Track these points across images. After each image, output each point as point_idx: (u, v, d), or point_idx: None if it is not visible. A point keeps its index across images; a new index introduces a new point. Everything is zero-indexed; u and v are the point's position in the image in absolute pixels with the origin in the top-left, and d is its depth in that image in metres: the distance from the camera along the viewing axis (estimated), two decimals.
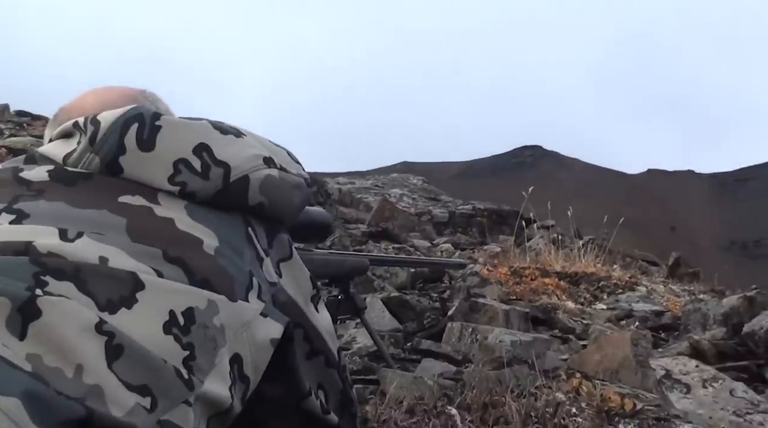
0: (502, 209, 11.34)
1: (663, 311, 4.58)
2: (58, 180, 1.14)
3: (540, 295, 4.64)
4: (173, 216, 1.12)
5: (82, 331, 0.89)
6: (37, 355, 0.84)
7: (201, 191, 1.17)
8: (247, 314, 1.11)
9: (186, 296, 1.03)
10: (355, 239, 6.02)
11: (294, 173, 1.31)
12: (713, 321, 3.76)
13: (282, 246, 1.29)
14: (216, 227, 1.15)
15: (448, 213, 10.94)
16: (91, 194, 1.12)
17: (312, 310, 1.30)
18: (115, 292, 0.96)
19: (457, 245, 7.52)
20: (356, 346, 3.04)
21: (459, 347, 3.15)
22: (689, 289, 5.81)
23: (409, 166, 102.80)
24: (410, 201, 12.17)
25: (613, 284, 5.28)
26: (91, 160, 1.17)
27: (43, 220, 1.05)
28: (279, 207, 1.27)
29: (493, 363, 2.51)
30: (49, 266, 0.95)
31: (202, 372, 1.00)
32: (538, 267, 5.41)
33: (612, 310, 4.57)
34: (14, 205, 1.08)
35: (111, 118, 1.19)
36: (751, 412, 2.42)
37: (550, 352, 3.11)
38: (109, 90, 1.50)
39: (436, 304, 4.03)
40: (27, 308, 0.87)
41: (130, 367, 0.91)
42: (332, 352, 1.33)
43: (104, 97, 1.46)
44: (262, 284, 1.18)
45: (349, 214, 8.12)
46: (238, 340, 1.09)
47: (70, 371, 0.85)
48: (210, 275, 1.08)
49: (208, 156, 1.19)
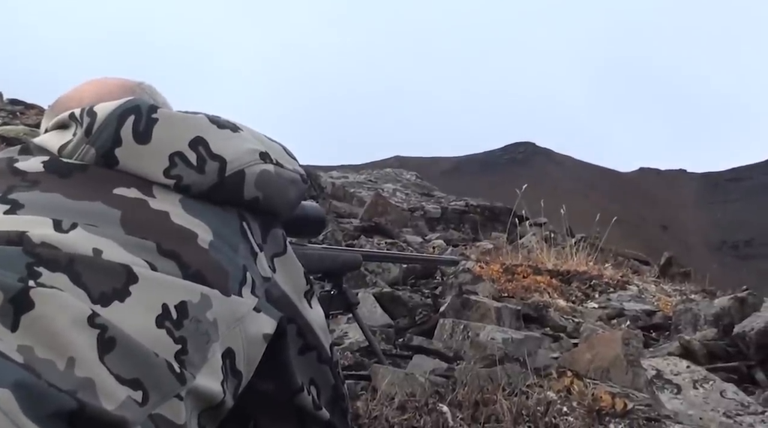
0: (495, 206, 11.34)
1: (654, 311, 4.59)
2: (53, 171, 1.13)
3: (532, 293, 4.64)
4: (168, 209, 1.12)
5: (74, 323, 0.89)
6: (29, 347, 0.84)
7: (196, 184, 1.17)
8: (241, 309, 1.11)
9: (179, 290, 1.02)
10: (347, 233, 6.01)
11: (289, 169, 1.31)
12: (704, 322, 3.77)
13: (276, 241, 1.29)
14: (211, 221, 1.14)
15: (441, 209, 10.93)
16: (86, 185, 1.12)
17: (305, 305, 1.30)
18: (109, 285, 0.96)
19: (450, 241, 7.51)
20: (348, 341, 3.04)
21: (450, 343, 3.15)
22: (680, 289, 5.82)
23: (402, 160, 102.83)
24: (403, 196, 12.17)
25: (604, 283, 5.29)
26: (86, 151, 1.16)
27: (37, 211, 1.04)
28: (274, 202, 1.27)
29: (485, 361, 2.51)
30: (43, 257, 0.94)
31: (194, 367, 0.99)
32: (530, 265, 5.41)
33: (603, 309, 4.58)
34: (9, 195, 1.07)
35: (107, 109, 1.18)
36: (741, 414, 2.43)
37: (541, 350, 3.12)
38: (106, 81, 1.49)
39: (428, 300, 4.03)
40: (19, 299, 0.87)
41: (122, 360, 0.90)
42: (325, 348, 1.33)
43: (102, 88, 1.45)
44: (256, 279, 1.17)
45: (342, 208, 8.10)
46: (231, 335, 1.08)
47: (62, 363, 0.85)
48: (204, 270, 1.07)
49: (204, 150, 1.19)
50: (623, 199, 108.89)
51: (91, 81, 1.49)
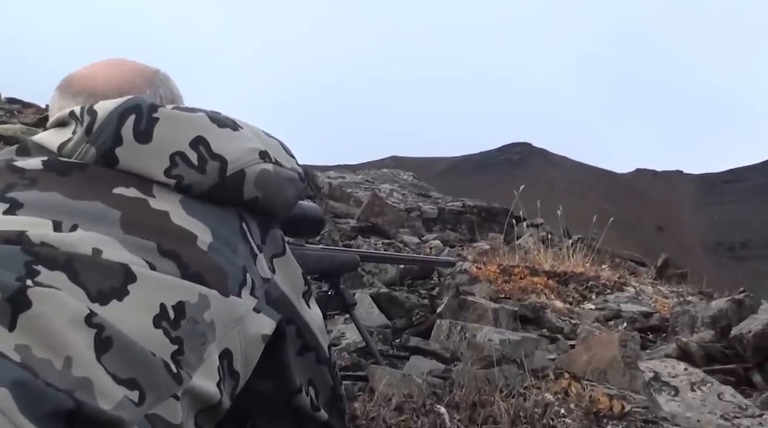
0: (492, 207, 11.35)
1: (651, 313, 4.59)
2: (52, 169, 1.13)
3: (529, 294, 4.64)
4: (168, 209, 1.11)
5: (71, 323, 0.89)
6: (26, 346, 0.84)
7: (197, 184, 1.16)
8: (239, 310, 1.10)
9: (177, 290, 1.02)
10: (344, 233, 6.00)
11: (288, 167, 1.30)
12: (701, 324, 3.77)
13: (275, 242, 1.28)
14: (210, 223, 1.14)
15: (438, 209, 10.93)
16: (86, 184, 1.11)
17: (304, 306, 1.30)
18: (107, 283, 0.96)
19: (446, 241, 7.51)
20: (345, 342, 3.04)
21: (447, 344, 3.15)
22: (677, 290, 5.82)
23: (398, 160, 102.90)
24: (400, 197, 12.17)
25: (601, 284, 5.29)
26: (86, 150, 1.16)
27: (36, 210, 1.04)
28: (273, 201, 1.26)
29: (482, 362, 2.51)
30: (42, 256, 0.94)
31: (191, 367, 0.99)
32: (527, 266, 5.41)
33: (600, 310, 4.58)
34: (7, 194, 1.07)
35: (108, 108, 1.18)
36: (738, 416, 2.43)
37: (538, 351, 3.12)
38: (123, 63, 1.46)
39: (425, 301, 4.03)
40: (17, 298, 0.87)
41: (118, 360, 0.90)
42: (323, 348, 1.33)
43: (116, 70, 1.42)
44: (256, 280, 1.17)
45: (339, 208, 8.10)
46: (229, 335, 1.08)
47: (59, 362, 0.85)
48: (203, 270, 1.07)
49: (204, 149, 1.18)
50: (619, 200, 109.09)
51: (107, 61, 1.45)
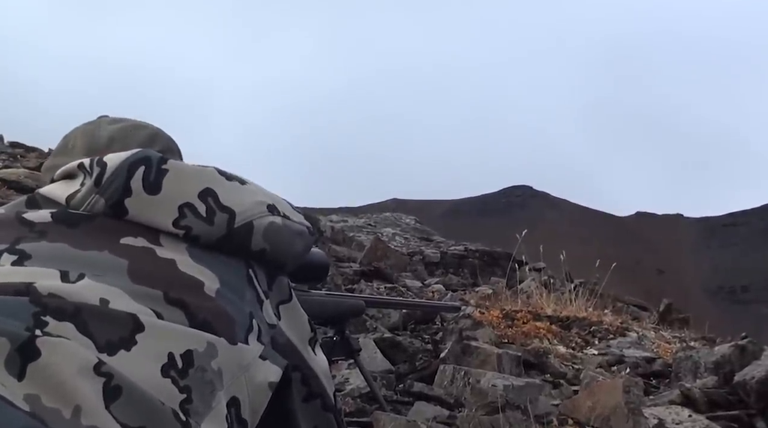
0: (494, 251, 11.36)
1: (654, 358, 4.58)
2: (61, 221, 1.14)
3: (532, 339, 4.63)
4: (175, 257, 1.12)
5: (80, 372, 0.89)
6: (36, 395, 0.84)
7: (205, 235, 1.17)
8: (246, 357, 1.11)
9: (185, 338, 1.02)
10: (347, 277, 6.00)
11: (296, 222, 1.31)
12: (704, 369, 3.75)
13: (282, 289, 1.29)
14: (217, 269, 1.15)
15: (440, 253, 10.93)
16: (94, 235, 1.12)
17: (310, 353, 1.30)
18: (115, 333, 0.96)
19: (449, 285, 7.50)
20: (349, 387, 3.03)
21: (451, 390, 3.14)
22: (680, 336, 5.80)
23: (400, 202, 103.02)
24: (402, 241, 12.18)
25: (604, 329, 5.27)
26: (95, 201, 1.17)
27: (44, 261, 1.04)
28: (281, 253, 1.27)
29: (486, 408, 2.50)
30: (50, 307, 0.94)
31: (199, 415, 0.99)
32: (530, 310, 5.41)
33: (603, 355, 4.57)
34: (16, 246, 1.07)
35: (118, 160, 1.19)
36: None
37: (542, 397, 3.10)
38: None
39: (429, 346, 4.02)
40: (26, 348, 0.87)
41: (127, 409, 0.90)
42: (329, 395, 1.33)
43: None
44: (262, 326, 1.17)
45: (341, 252, 8.11)
46: (236, 383, 1.08)
47: (68, 411, 0.85)
48: (211, 318, 1.07)
49: (213, 201, 1.19)
50: (620, 243, 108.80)
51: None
